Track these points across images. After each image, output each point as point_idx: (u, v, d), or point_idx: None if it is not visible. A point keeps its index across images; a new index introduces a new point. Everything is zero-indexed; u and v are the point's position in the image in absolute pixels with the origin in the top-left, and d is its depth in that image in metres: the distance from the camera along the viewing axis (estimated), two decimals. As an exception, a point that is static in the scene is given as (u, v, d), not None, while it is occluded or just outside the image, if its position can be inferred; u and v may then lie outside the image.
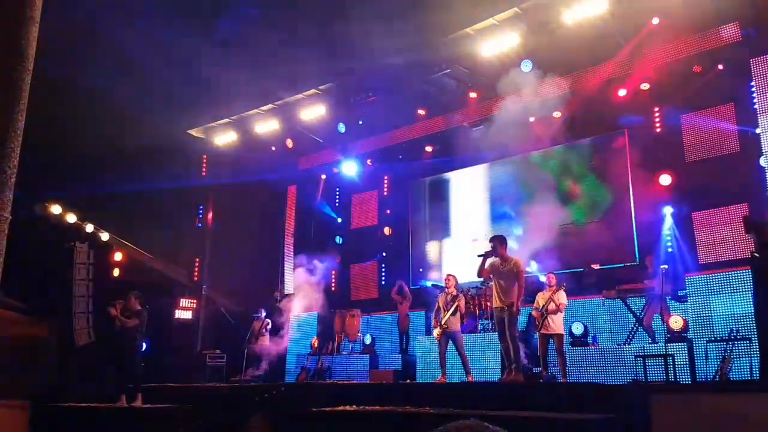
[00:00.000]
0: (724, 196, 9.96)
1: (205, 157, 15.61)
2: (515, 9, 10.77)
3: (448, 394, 7.78)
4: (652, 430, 5.34)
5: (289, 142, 14.75)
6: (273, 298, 14.42)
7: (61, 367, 11.03)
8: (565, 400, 6.61)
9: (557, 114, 11.57)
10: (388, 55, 11.27)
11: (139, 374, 9.30)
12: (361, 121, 13.99)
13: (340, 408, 7.11)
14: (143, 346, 9.53)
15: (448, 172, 13.90)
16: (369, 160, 14.71)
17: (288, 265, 15.13)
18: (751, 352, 7.95)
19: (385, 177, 14.86)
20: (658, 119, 11.02)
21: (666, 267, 9.21)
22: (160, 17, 10.82)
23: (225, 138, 15.31)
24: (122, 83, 11.44)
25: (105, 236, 13.92)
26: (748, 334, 8.09)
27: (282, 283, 15.06)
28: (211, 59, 11.79)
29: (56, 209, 13.21)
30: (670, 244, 10.43)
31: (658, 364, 8.08)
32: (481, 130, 12.59)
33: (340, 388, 9.31)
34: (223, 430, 8.00)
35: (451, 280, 9.44)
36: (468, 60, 11.86)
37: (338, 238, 15.27)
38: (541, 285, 9.46)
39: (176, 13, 11.05)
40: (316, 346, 12.72)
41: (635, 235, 11.00)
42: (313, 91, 13.61)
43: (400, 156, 14.31)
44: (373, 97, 13.17)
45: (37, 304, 10.92)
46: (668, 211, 10.56)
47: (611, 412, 5.69)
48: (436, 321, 9.30)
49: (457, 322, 9.13)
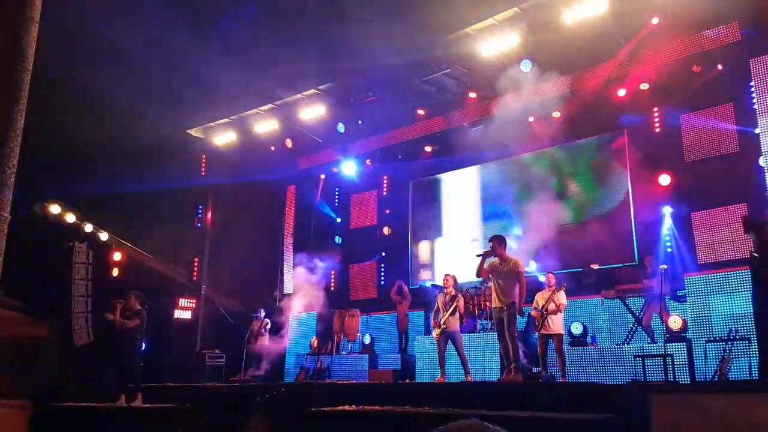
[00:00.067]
0: (724, 196, 9.96)
1: (204, 156, 15.60)
2: (515, 9, 10.77)
3: (448, 394, 7.78)
4: (651, 429, 5.35)
5: (289, 142, 14.74)
6: (272, 298, 14.42)
7: (61, 367, 11.04)
8: (564, 400, 6.61)
9: (557, 114, 11.57)
10: (387, 55, 11.26)
11: (139, 374, 9.30)
12: (360, 121, 13.99)
13: (340, 408, 7.11)
14: (143, 346, 9.53)
15: (448, 171, 13.90)
16: (368, 160, 14.70)
17: (287, 265, 15.13)
18: (750, 352, 7.96)
19: (385, 177, 14.86)
20: (657, 119, 11.02)
21: (665, 267, 9.21)
22: (159, 17, 10.83)
23: (224, 138, 15.30)
24: (122, 83, 11.44)
25: (104, 236, 13.90)
26: (747, 334, 8.10)
27: (281, 282, 15.06)
28: (211, 59, 11.80)
29: (55, 209, 13.19)
30: (669, 244, 10.43)
31: (657, 364, 8.08)
32: (481, 130, 12.59)
33: (340, 387, 9.31)
34: (223, 430, 8.01)
35: (450, 280, 9.42)
36: (468, 60, 11.86)
37: (337, 238, 15.27)
38: (540, 285, 9.46)
39: (176, 13, 11.06)
40: (316, 345, 12.72)
41: (634, 235, 11.00)
42: (312, 90, 13.60)
43: (400, 156, 14.31)
44: (372, 97, 13.16)
45: (36, 304, 10.94)
46: (667, 211, 10.56)
47: (610, 412, 5.70)
48: (435, 321, 9.30)
49: (456, 322, 9.12)
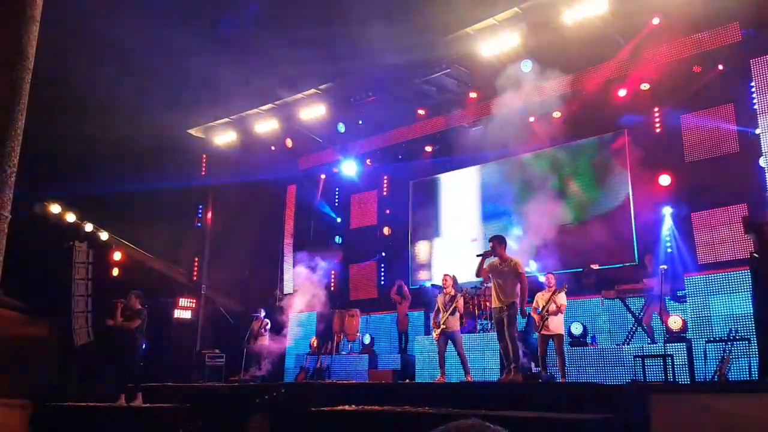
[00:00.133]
0: (724, 197, 9.96)
1: (204, 156, 15.60)
2: (515, 9, 10.77)
3: (447, 394, 7.78)
4: (650, 430, 5.34)
5: (289, 142, 14.73)
6: (273, 297, 14.42)
7: (61, 367, 11.04)
8: (564, 400, 6.61)
9: (557, 114, 11.57)
10: (387, 55, 11.27)
11: (139, 374, 9.30)
12: (360, 121, 13.99)
13: (339, 408, 7.11)
14: (144, 346, 9.53)
15: (448, 172, 13.90)
16: (368, 160, 14.70)
17: (287, 265, 15.13)
18: (750, 352, 7.96)
19: (385, 177, 14.86)
20: (657, 119, 11.02)
21: (665, 267, 9.21)
22: (160, 17, 10.83)
23: (225, 138, 15.30)
24: (122, 83, 11.46)
25: (104, 236, 13.91)
26: (747, 335, 8.10)
27: (281, 282, 15.06)
28: (211, 59, 11.80)
29: (56, 208, 13.20)
30: (669, 245, 10.43)
31: (657, 365, 8.09)
32: (481, 130, 12.58)
33: (339, 387, 9.30)
34: (223, 429, 8.01)
35: (449, 280, 9.41)
36: (468, 60, 11.86)
37: (338, 238, 15.27)
38: (540, 285, 9.46)
39: (176, 12, 11.06)
40: (316, 345, 12.72)
41: (635, 236, 11.00)
42: (312, 90, 13.60)
43: (400, 156, 14.32)
44: (372, 96, 13.16)
45: (36, 304, 10.94)
46: (668, 211, 10.55)
47: (610, 412, 5.70)
48: (434, 321, 9.29)
49: (456, 322, 9.12)
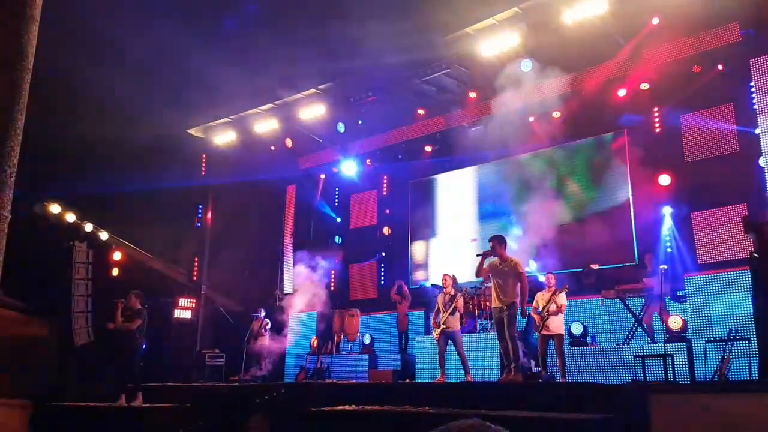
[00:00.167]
0: (724, 197, 9.96)
1: (204, 156, 15.60)
2: (515, 9, 10.77)
3: (448, 394, 7.78)
4: (650, 430, 5.34)
5: (289, 142, 14.73)
6: (273, 297, 14.41)
7: (61, 367, 11.04)
8: (564, 400, 6.61)
9: (557, 114, 11.56)
10: (387, 55, 11.26)
11: (139, 374, 9.30)
12: (360, 121, 13.99)
13: (340, 408, 7.11)
14: (144, 346, 9.52)
15: (448, 171, 13.90)
16: (368, 160, 14.70)
17: (287, 265, 15.13)
18: (750, 352, 7.96)
19: (385, 177, 14.86)
20: (657, 119, 11.02)
21: (665, 267, 9.21)
22: (160, 17, 10.83)
23: (224, 137, 15.30)
24: (122, 83, 11.45)
25: (104, 235, 13.91)
26: (747, 335, 8.10)
27: (281, 282, 15.06)
28: (211, 58, 11.80)
29: (55, 208, 13.20)
30: (669, 244, 10.43)
31: (657, 364, 8.08)
32: (481, 129, 12.59)
33: (340, 387, 9.30)
34: (223, 429, 8.01)
35: (448, 280, 9.42)
36: (468, 60, 11.85)
37: (338, 238, 15.27)
38: (540, 285, 9.46)
39: (176, 12, 11.06)
40: (316, 345, 12.72)
41: (634, 235, 11.00)
42: (312, 90, 13.60)
43: (400, 156, 14.31)
44: (372, 96, 13.16)
45: (36, 304, 10.94)
46: (667, 211, 10.55)
47: (610, 412, 5.70)
48: (434, 321, 9.29)
49: (456, 322, 9.12)
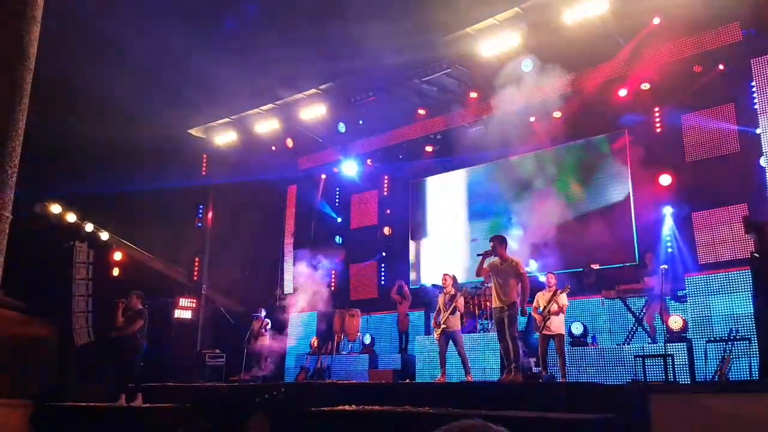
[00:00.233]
0: (725, 197, 9.95)
1: (205, 156, 15.61)
2: (516, 9, 10.77)
3: (448, 394, 7.78)
4: (651, 430, 5.35)
5: (289, 142, 14.73)
6: (274, 297, 14.41)
7: (62, 367, 11.04)
8: (564, 401, 6.61)
9: (558, 114, 11.56)
10: (388, 55, 11.26)
11: (139, 374, 9.30)
12: (361, 121, 13.98)
13: (340, 408, 7.11)
14: (145, 346, 9.52)
15: (448, 171, 13.89)
16: (369, 160, 14.70)
17: (288, 265, 15.13)
18: (750, 352, 7.95)
19: (385, 177, 14.86)
20: (658, 119, 11.02)
21: (666, 267, 9.21)
22: (160, 17, 10.83)
23: (225, 137, 15.30)
24: (123, 83, 11.45)
25: (105, 236, 13.91)
26: (748, 335, 8.09)
27: (282, 282, 15.06)
28: (212, 58, 11.80)
29: (56, 208, 13.20)
30: (670, 244, 10.43)
31: (658, 365, 8.08)
32: (481, 130, 12.58)
33: (340, 387, 9.31)
34: (223, 429, 8.01)
35: (448, 280, 9.42)
36: (468, 60, 11.85)
37: (338, 238, 15.27)
38: (541, 285, 9.45)
39: (177, 12, 11.06)
40: (316, 345, 12.72)
41: (635, 235, 10.99)
42: (313, 90, 13.60)
43: (400, 156, 14.31)
44: (373, 96, 13.16)
45: (37, 304, 10.94)
46: (668, 211, 10.55)
47: (610, 412, 5.70)
48: (435, 321, 9.29)
49: (457, 322, 9.11)
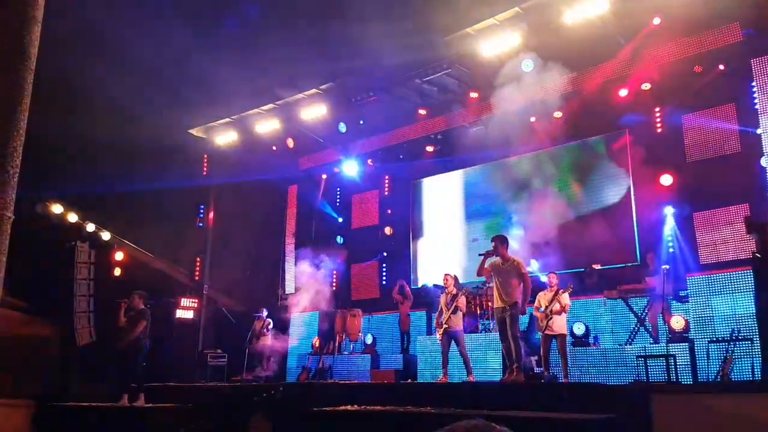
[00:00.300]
0: (726, 197, 9.94)
1: (206, 156, 15.61)
2: (516, 9, 10.76)
3: (450, 394, 7.78)
4: (653, 430, 5.34)
5: (290, 142, 14.73)
6: (276, 297, 14.42)
7: (64, 367, 11.06)
8: (566, 401, 6.61)
9: (558, 114, 11.55)
10: (388, 55, 11.26)
11: (141, 374, 9.31)
12: (362, 121, 13.98)
13: (342, 408, 7.11)
14: (148, 346, 9.52)
15: (449, 171, 13.88)
16: (370, 160, 14.69)
17: (289, 265, 15.13)
18: (752, 352, 7.95)
19: (386, 177, 14.86)
20: (659, 119, 11.01)
21: (667, 267, 9.20)
22: (161, 17, 10.84)
23: (226, 138, 15.30)
24: (123, 83, 11.45)
25: (106, 236, 13.91)
26: (750, 335, 8.09)
27: (283, 282, 15.06)
28: (212, 58, 11.80)
29: (57, 209, 13.21)
30: (671, 245, 10.42)
31: (660, 365, 8.08)
32: (482, 129, 12.57)
33: (342, 387, 9.31)
34: (225, 429, 8.01)
35: (450, 280, 9.42)
36: (469, 60, 11.84)
37: (339, 238, 15.27)
38: (542, 285, 9.44)
39: (177, 12, 11.06)
40: (318, 345, 12.72)
41: (636, 236, 10.99)
42: (313, 90, 13.59)
43: (401, 156, 14.31)
44: (374, 96, 13.16)
45: (39, 304, 10.96)
46: (669, 211, 10.54)
47: (613, 413, 5.70)
48: (437, 322, 9.29)
49: (459, 321, 9.11)
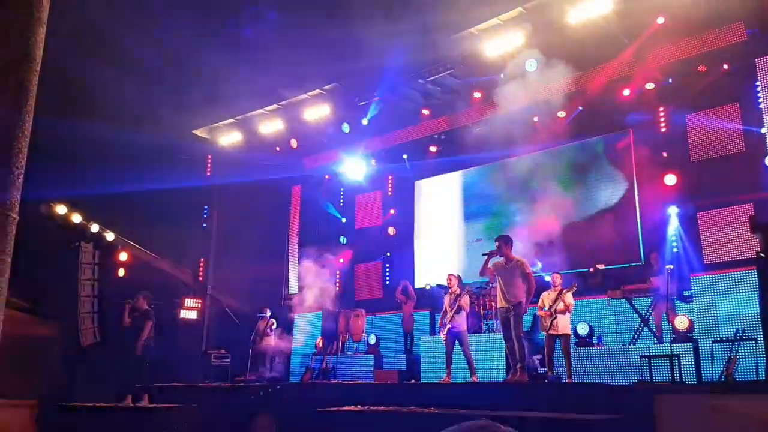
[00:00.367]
0: (730, 196, 9.92)
1: (210, 157, 15.64)
2: (520, 9, 10.76)
3: (453, 395, 7.78)
4: (657, 430, 5.34)
5: (294, 142, 14.75)
6: (280, 297, 14.44)
7: (68, 367, 11.10)
8: (570, 401, 6.61)
9: (562, 113, 11.54)
10: (392, 55, 11.26)
11: (145, 374, 9.34)
12: (365, 121, 13.98)
13: (345, 408, 7.12)
14: (152, 346, 9.55)
15: (452, 171, 13.88)
16: (373, 160, 14.70)
17: (293, 265, 15.14)
18: (757, 352, 7.92)
19: (390, 177, 14.86)
20: (663, 119, 10.99)
21: (671, 267, 9.18)
22: (165, 17, 10.86)
23: (230, 138, 15.33)
24: (128, 83, 11.47)
25: (110, 236, 13.95)
26: (754, 335, 8.07)
27: (287, 282, 15.07)
28: (216, 59, 11.82)
29: (62, 209, 13.24)
30: (675, 244, 10.41)
31: (664, 365, 8.05)
32: (485, 129, 12.54)
33: (345, 388, 9.32)
34: (229, 429, 8.03)
35: (453, 280, 9.43)
36: (472, 60, 11.84)
37: (343, 238, 15.28)
38: (546, 285, 9.43)
39: (182, 13, 11.08)
40: (321, 346, 12.73)
41: (640, 235, 10.97)
42: (317, 90, 13.61)
43: (405, 156, 14.31)
44: (377, 96, 13.16)
45: (43, 305, 11.00)
46: (673, 211, 10.52)
47: (616, 413, 5.69)
48: (441, 322, 9.29)
49: (463, 321, 9.11)
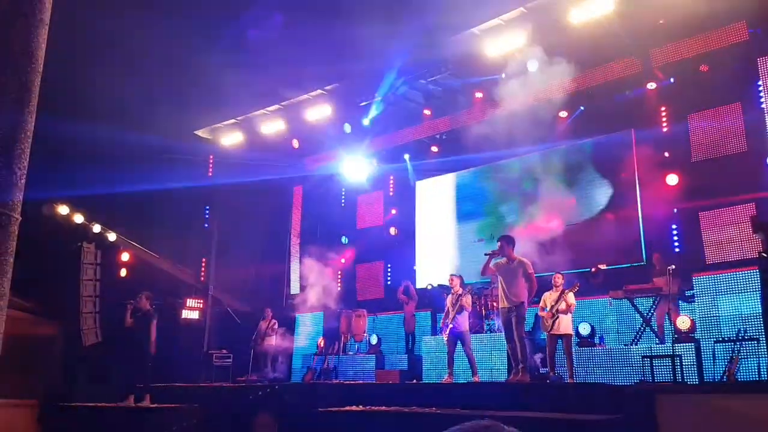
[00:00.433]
0: (732, 196, 9.91)
1: (211, 157, 15.65)
2: (521, 9, 10.76)
3: (455, 395, 7.78)
4: (659, 430, 5.34)
5: (295, 143, 14.76)
6: (282, 297, 14.45)
7: (69, 367, 11.11)
8: (572, 401, 6.60)
9: (563, 113, 11.54)
10: (393, 55, 11.27)
11: (147, 374, 9.35)
12: (367, 122, 13.98)
13: (347, 408, 7.12)
14: (154, 346, 9.55)
15: (454, 172, 13.88)
16: (374, 161, 14.70)
17: (294, 265, 15.15)
18: (759, 352, 7.93)
19: (391, 177, 14.86)
20: (664, 119, 10.98)
21: (673, 267, 9.17)
22: (167, 18, 10.87)
23: (231, 138, 15.35)
24: (130, 84, 11.49)
25: (112, 236, 13.97)
26: (756, 335, 8.06)
27: (288, 282, 15.08)
28: (218, 60, 11.83)
29: (64, 210, 13.26)
30: (677, 244, 10.39)
31: (665, 365, 8.05)
32: (486, 129, 12.54)
33: (347, 388, 9.32)
34: (230, 430, 8.04)
35: (455, 280, 9.43)
36: (474, 60, 11.84)
37: (344, 239, 15.28)
38: (548, 285, 9.42)
39: (183, 13, 11.09)
40: (322, 346, 12.74)
41: (642, 235, 10.95)
42: (318, 91, 13.62)
43: (406, 156, 14.30)
44: (378, 97, 13.16)
45: (45, 305, 11.02)
46: (675, 210, 10.50)
47: (618, 413, 5.69)
48: (443, 322, 9.29)
49: (465, 321, 9.11)
